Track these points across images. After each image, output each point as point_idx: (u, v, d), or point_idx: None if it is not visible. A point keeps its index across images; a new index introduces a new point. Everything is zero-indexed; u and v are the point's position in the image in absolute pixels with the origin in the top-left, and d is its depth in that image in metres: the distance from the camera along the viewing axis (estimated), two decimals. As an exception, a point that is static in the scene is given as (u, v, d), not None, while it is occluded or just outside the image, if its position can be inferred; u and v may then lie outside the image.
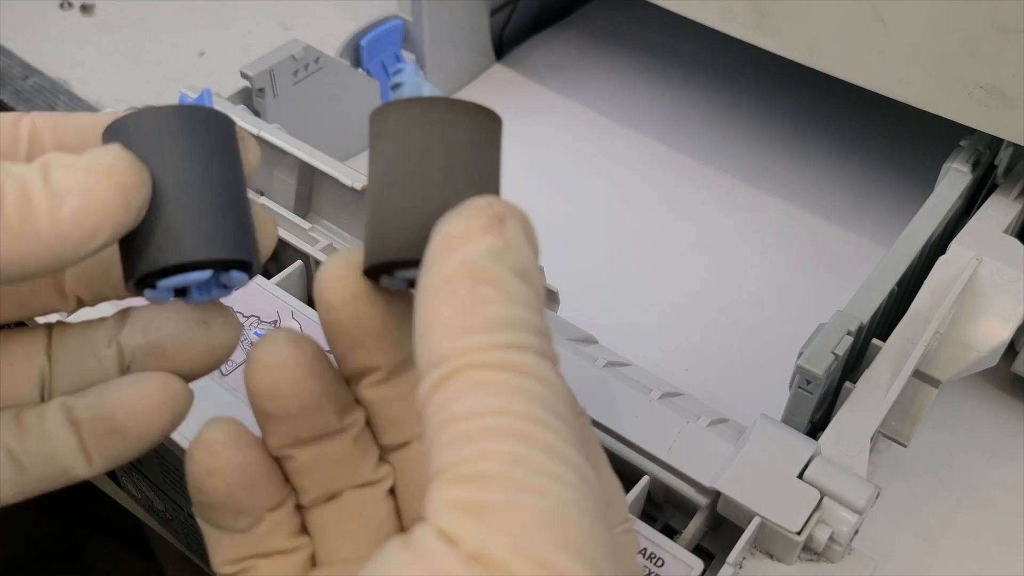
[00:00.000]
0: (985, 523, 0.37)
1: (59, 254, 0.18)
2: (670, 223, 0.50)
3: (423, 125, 0.21)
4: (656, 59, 0.59)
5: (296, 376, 0.21)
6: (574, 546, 0.16)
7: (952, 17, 0.36)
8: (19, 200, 0.18)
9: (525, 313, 0.18)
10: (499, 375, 0.17)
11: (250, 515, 0.22)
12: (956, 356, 0.35)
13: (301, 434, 0.22)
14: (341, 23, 0.53)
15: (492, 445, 0.16)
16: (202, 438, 0.21)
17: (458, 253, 0.18)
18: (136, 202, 0.19)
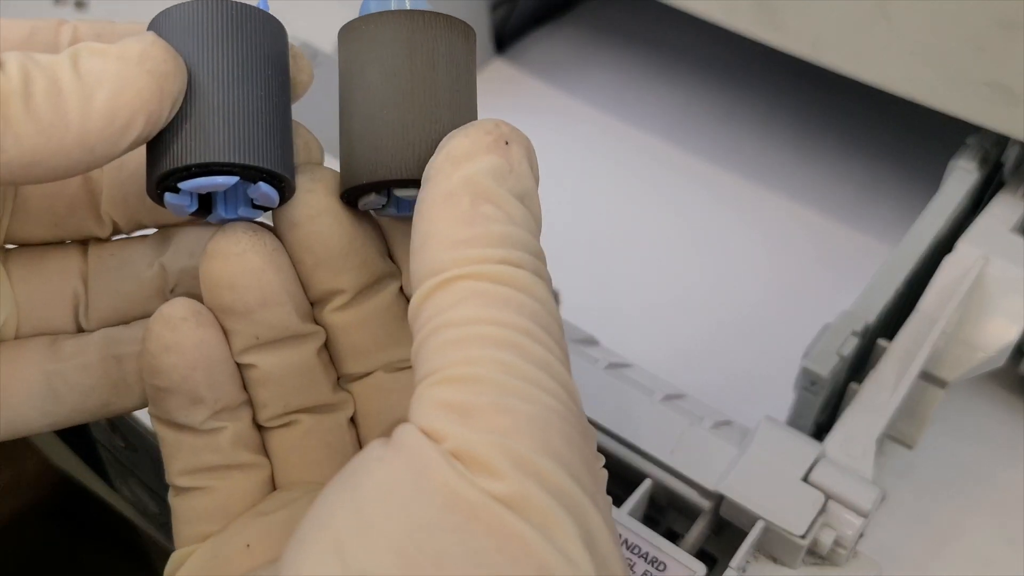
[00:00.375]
0: (992, 526, 0.36)
1: (92, 148, 0.18)
2: (672, 221, 0.49)
3: (427, 41, 0.20)
4: (658, 55, 0.59)
5: (255, 265, 0.20)
6: (556, 452, 0.16)
7: (958, 13, 0.36)
8: (49, 91, 0.17)
9: (523, 234, 0.18)
10: (495, 287, 0.17)
11: (207, 407, 0.21)
12: (963, 357, 0.34)
13: (260, 333, 0.21)
14: (339, 19, 0.52)
15: (483, 351, 0.17)
16: (161, 312, 0.21)
17: (462, 169, 0.18)
18: (171, 91, 0.19)
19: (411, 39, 0.20)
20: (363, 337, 0.22)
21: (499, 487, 0.15)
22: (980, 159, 0.40)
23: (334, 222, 0.21)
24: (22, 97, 0.17)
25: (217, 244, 0.20)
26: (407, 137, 0.20)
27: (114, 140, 0.18)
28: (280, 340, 0.21)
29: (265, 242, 0.21)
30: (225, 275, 0.20)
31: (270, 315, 0.21)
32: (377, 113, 0.20)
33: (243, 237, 0.20)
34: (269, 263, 0.20)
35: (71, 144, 0.17)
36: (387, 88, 0.20)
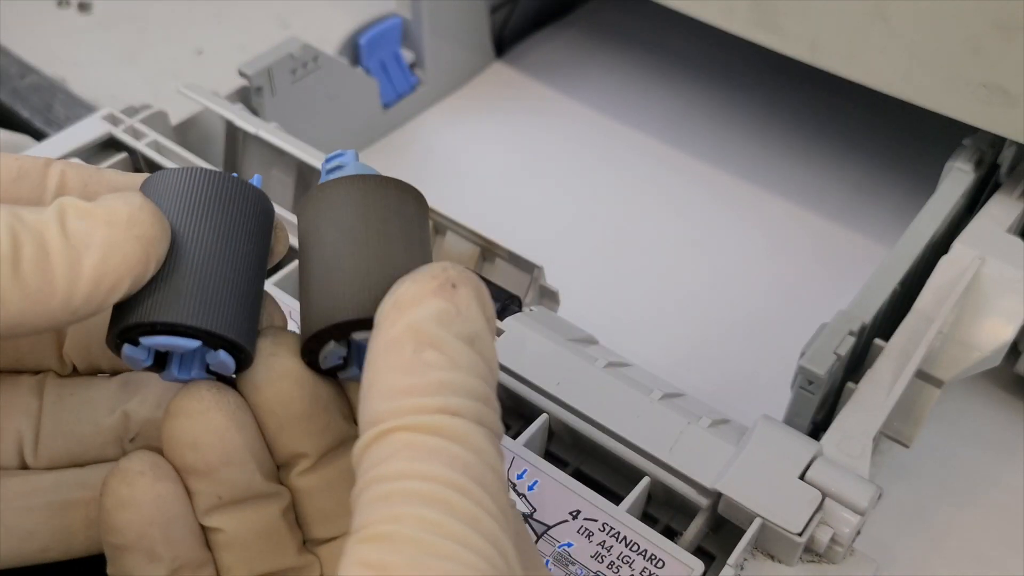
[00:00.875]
0: (988, 524, 0.36)
1: (76, 311, 0.18)
2: (671, 222, 0.49)
3: (378, 199, 0.21)
4: (657, 57, 0.59)
5: (218, 424, 0.20)
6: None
7: (955, 15, 0.36)
8: (37, 256, 0.17)
9: (467, 379, 0.18)
10: (427, 439, 0.17)
11: (165, 565, 0.20)
12: (959, 356, 0.34)
13: (223, 492, 0.21)
14: (340, 21, 0.52)
15: (406, 508, 0.16)
16: (119, 467, 0.20)
17: (407, 315, 0.18)
18: (157, 256, 0.19)
19: (363, 198, 0.21)
20: (328, 501, 0.22)
21: None
22: (976, 160, 0.40)
23: (296, 385, 0.21)
24: (11, 263, 0.17)
25: (180, 402, 0.20)
26: (362, 280, 0.20)
27: (98, 303, 0.18)
28: (244, 500, 0.21)
29: (228, 400, 0.20)
30: (188, 434, 0.20)
31: (233, 474, 0.21)
32: (334, 265, 0.20)
33: (206, 395, 0.20)
34: (232, 422, 0.20)
35: (56, 308, 0.17)
36: (343, 241, 0.20)
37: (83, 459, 0.22)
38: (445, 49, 0.54)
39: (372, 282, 0.20)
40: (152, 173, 0.21)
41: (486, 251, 0.38)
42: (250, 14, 0.59)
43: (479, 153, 0.53)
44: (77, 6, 0.59)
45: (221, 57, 0.55)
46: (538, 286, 0.37)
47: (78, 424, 0.22)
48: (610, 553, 0.27)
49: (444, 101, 0.56)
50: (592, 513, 0.28)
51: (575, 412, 0.30)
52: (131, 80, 0.54)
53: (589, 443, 0.30)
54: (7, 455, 0.22)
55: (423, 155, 0.52)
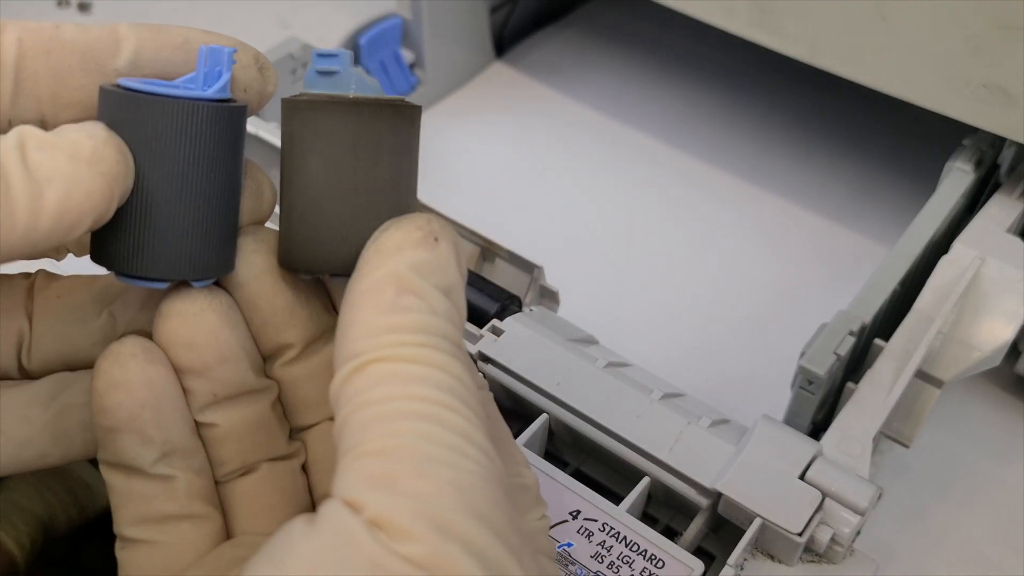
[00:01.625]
0: (988, 524, 0.36)
1: (35, 245, 0.18)
2: (671, 222, 0.49)
3: (372, 135, 0.20)
4: (657, 57, 0.59)
5: (212, 324, 0.20)
6: (478, 514, 0.16)
7: (955, 15, 0.36)
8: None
9: (444, 324, 0.19)
10: (410, 367, 0.18)
11: (156, 447, 0.20)
12: (959, 356, 0.34)
13: (218, 390, 0.21)
14: (340, 21, 0.52)
15: (402, 424, 0.17)
16: (110, 349, 0.20)
17: (390, 262, 0.19)
18: (120, 193, 0.19)
19: (356, 133, 0.20)
20: (312, 390, 0.23)
21: (417, 550, 0.16)
22: (976, 160, 0.40)
23: (277, 281, 0.21)
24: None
25: (173, 304, 0.20)
26: (345, 234, 0.20)
27: (59, 238, 0.18)
28: (237, 396, 0.21)
29: (221, 300, 0.21)
30: (182, 334, 0.20)
31: (227, 372, 0.21)
32: (318, 204, 0.20)
33: (198, 297, 0.20)
34: (225, 321, 0.21)
35: (16, 242, 0.17)
36: (329, 182, 0.20)
37: (74, 360, 0.22)
38: (445, 49, 0.54)
39: (357, 238, 0.20)
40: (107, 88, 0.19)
41: (486, 251, 0.38)
42: (250, 14, 0.59)
43: (479, 153, 0.53)
44: (77, 6, 0.59)
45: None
46: (538, 286, 0.37)
47: (68, 326, 0.22)
48: (610, 553, 0.27)
49: (444, 101, 0.56)
50: (592, 513, 0.28)
51: (575, 412, 0.30)
52: (131, 80, 0.54)
53: (589, 443, 0.30)
54: (7, 357, 0.22)
55: (423, 155, 0.52)
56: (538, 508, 0.22)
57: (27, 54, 0.20)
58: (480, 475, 0.17)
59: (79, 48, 0.20)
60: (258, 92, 0.22)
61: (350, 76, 0.21)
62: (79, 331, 0.22)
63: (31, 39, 0.20)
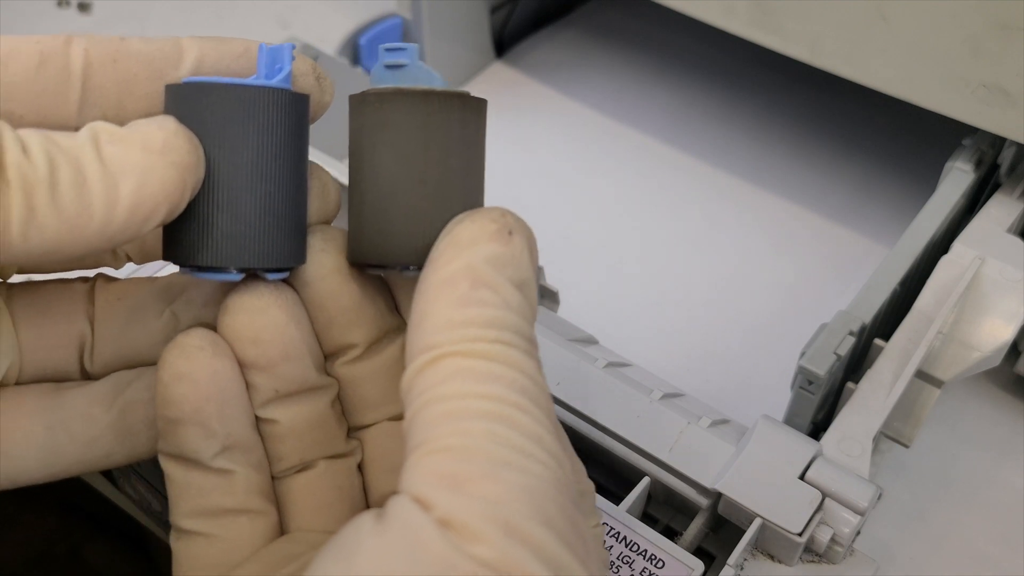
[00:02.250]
0: (988, 524, 0.36)
1: (111, 238, 0.18)
2: (671, 222, 0.49)
3: (442, 125, 0.20)
4: (657, 57, 0.59)
5: (278, 320, 0.20)
6: (547, 519, 0.16)
7: (955, 15, 0.36)
8: (74, 180, 0.17)
9: (518, 320, 0.19)
10: (485, 364, 0.18)
11: (218, 441, 0.21)
12: (959, 356, 0.34)
13: (280, 387, 0.21)
14: (340, 21, 0.52)
15: (474, 423, 0.17)
16: (177, 341, 0.20)
17: (464, 255, 0.19)
18: (193, 183, 0.19)
19: (426, 124, 0.20)
20: (372, 389, 0.23)
21: (486, 553, 0.15)
22: (976, 160, 0.40)
23: (344, 281, 0.21)
24: (48, 187, 0.17)
25: (240, 299, 0.20)
26: (417, 225, 0.20)
27: (134, 230, 0.18)
28: (298, 393, 0.22)
29: (287, 297, 0.21)
30: (249, 329, 0.20)
31: (291, 369, 0.21)
32: (388, 196, 0.20)
33: (265, 292, 0.21)
34: (291, 318, 0.21)
35: (92, 234, 0.17)
36: (400, 173, 0.20)
37: (135, 362, 0.22)
38: (445, 49, 0.54)
39: (428, 229, 0.20)
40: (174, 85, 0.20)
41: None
42: (250, 14, 0.59)
43: (479, 153, 0.53)
44: (77, 6, 0.59)
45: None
46: (538, 286, 0.37)
47: (129, 327, 0.22)
48: (610, 553, 0.27)
49: (444, 101, 0.56)
50: (592, 513, 0.28)
51: (575, 412, 0.30)
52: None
53: (589, 443, 0.30)
54: (68, 364, 0.22)
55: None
56: (594, 516, 0.22)
57: (93, 63, 0.20)
58: (550, 480, 0.17)
59: (144, 58, 0.20)
60: (315, 101, 0.22)
61: (419, 69, 0.21)
62: (140, 332, 0.22)
63: (97, 49, 0.20)
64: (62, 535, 0.46)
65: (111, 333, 0.22)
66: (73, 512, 0.46)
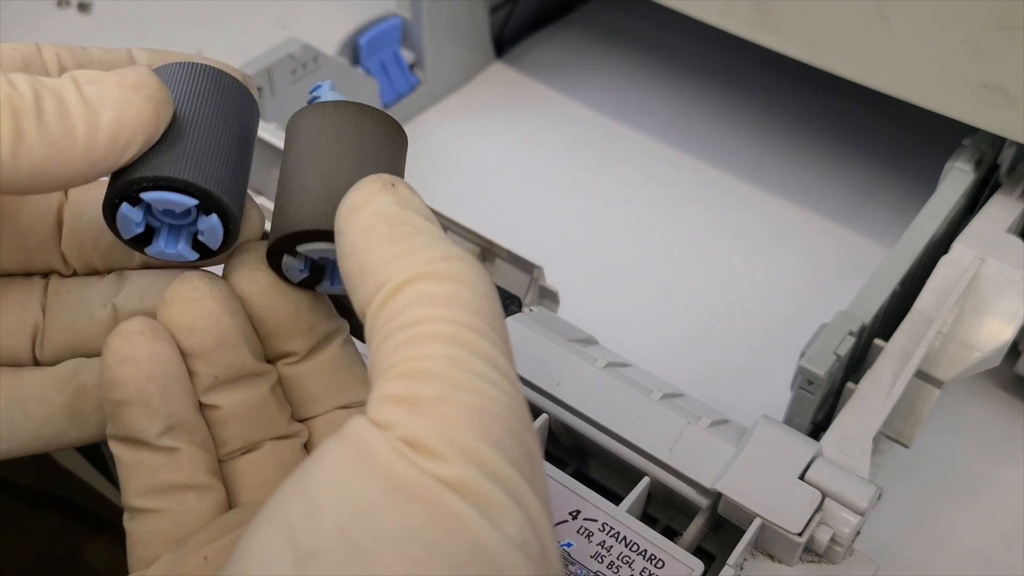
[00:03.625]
0: (988, 524, 0.36)
1: (94, 163, 0.19)
2: (671, 222, 0.49)
3: (334, 121, 0.22)
4: (657, 57, 0.59)
5: (212, 309, 0.22)
6: (498, 441, 0.17)
7: (955, 15, 0.36)
8: (57, 109, 0.19)
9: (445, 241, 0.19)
10: (440, 285, 0.18)
11: (161, 420, 0.22)
12: (959, 356, 0.34)
13: (220, 373, 0.22)
14: (340, 21, 0.52)
15: (431, 347, 0.17)
16: (120, 327, 0.22)
17: (368, 208, 0.20)
18: (165, 116, 0.20)
19: (320, 123, 0.22)
20: (316, 386, 0.24)
21: (443, 470, 0.16)
22: (976, 160, 0.40)
23: (280, 294, 0.23)
24: (35, 113, 0.18)
25: (176, 291, 0.22)
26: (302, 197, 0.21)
27: (115, 157, 0.19)
28: (238, 379, 0.23)
29: (220, 288, 0.22)
30: (184, 319, 0.22)
31: (227, 355, 0.22)
32: (284, 188, 0.22)
33: (199, 284, 0.22)
34: (225, 307, 0.22)
35: (77, 158, 0.19)
36: (297, 164, 0.22)
37: (82, 351, 0.24)
38: (445, 49, 0.54)
39: (311, 197, 0.21)
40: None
41: (486, 251, 0.38)
42: (250, 14, 0.59)
43: (479, 153, 0.53)
44: (77, 6, 0.59)
45: (221, 57, 0.55)
46: (538, 286, 0.37)
47: (75, 318, 0.24)
48: (610, 553, 0.27)
49: (444, 101, 0.56)
50: (592, 513, 0.28)
51: (575, 412, 0.30)
52: (131, 80, 0.54)
53: (589, 443, 0.31)
54: (21, 350, 0.24)
55: (423, 155, 0.52)
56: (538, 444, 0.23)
57: (65, 67, 0.22)
58: (502, 403, 0.17)
59: (104, 65, 0.23)
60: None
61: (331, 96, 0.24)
62: (86, 323, 0.24)
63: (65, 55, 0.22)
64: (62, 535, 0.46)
65: (60, 322, 0.24)
66: (73, 512, 0.46)
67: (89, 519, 0.46)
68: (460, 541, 0.16)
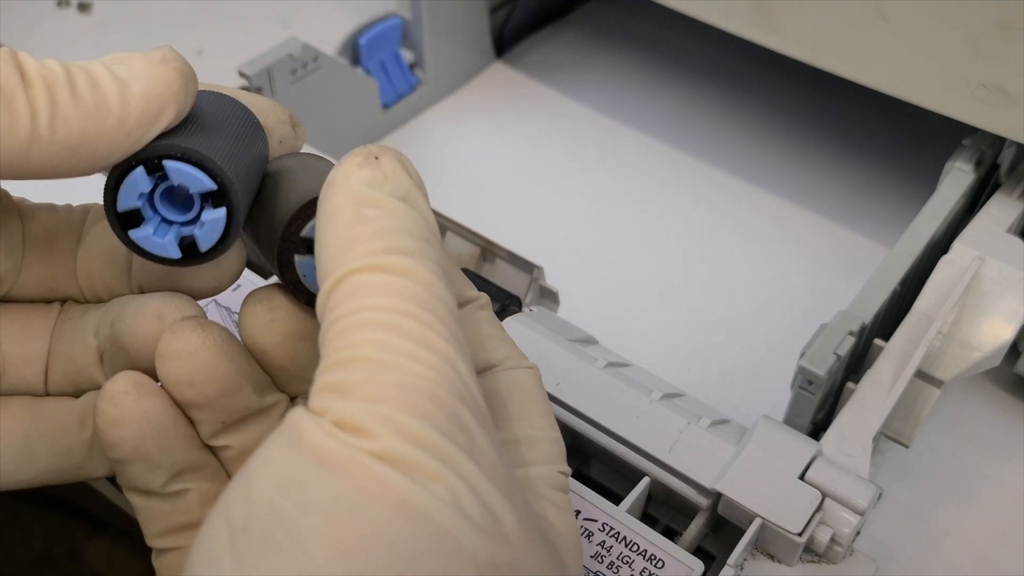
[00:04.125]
0: (988, 524, 0.36)
1: (130, 132, 0.19)
2: (671, 222, 0.49)
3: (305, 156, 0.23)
4: (657, 57, 0.59)
5: (208, 360, 0.21)
6: (423, 412, 0.17)
7: (955, 15, 0.36)
8: (89, 83, 0.19)
9: (406, 224, 0.19)
10: (376, 277, 0.19)
11: (164, 471, 0.22)
12: (958, 356, 0.34)
13: (225, 418, 0.22)
14: (340, 21, 0.52)
15: (361, 335, 0.18)
16: (105, 390, 0.22)
17: (343, 187, 0.20)
18: (192, 89, 0.20)
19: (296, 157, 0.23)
20: None
21: (368, 444, 0.17)
22: (976, 160, 0.40)
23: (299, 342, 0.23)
24: (67, 85, 0.19)
25: (169, 345, 0.21)
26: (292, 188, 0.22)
27: (149, 125, 0.20)
28: (244, 419, 0.22)
29: (214, 337, 0.22)
30: (182, 374, 0.21)
31: (231, 402, 0.22)
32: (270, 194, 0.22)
33: (192, 336, 0.21)
34: (221, 356, 0.22)
35: (112, 127, 0.19)
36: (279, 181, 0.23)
37: (78, 379, 0.24)
38: (445, 49, 0.54)
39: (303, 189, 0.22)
40: None
41: (486, 251, 0.38)
42: (250, 14, 0.59)
43: (479, 153, 0.53)
44: (77, 6, 0.59)
45: (221, 57, 0.55)
46: (538, 286, 0.37)
47: (72, 346, 0.23)
48: (610, 553, 0.27)
49: (444, 101, 0.56)
50: (592, 513, 0.28)
51: (575, 412, 0.30)
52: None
53: (589, 443, 0.31)
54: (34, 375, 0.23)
55: (423, 155, 0.52)
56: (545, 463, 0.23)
57: None
58: (429, 378, 0.18)
59: None
60: (290, 146, 0.24)
61: None
62: (80, 352, 0.23)
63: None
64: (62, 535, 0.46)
65: (61, 351, 0.23)
66: (73, 512, 0.46)
67: (89, 519, 0.46)
68: (384, 501, 0.16)
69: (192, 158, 0.20)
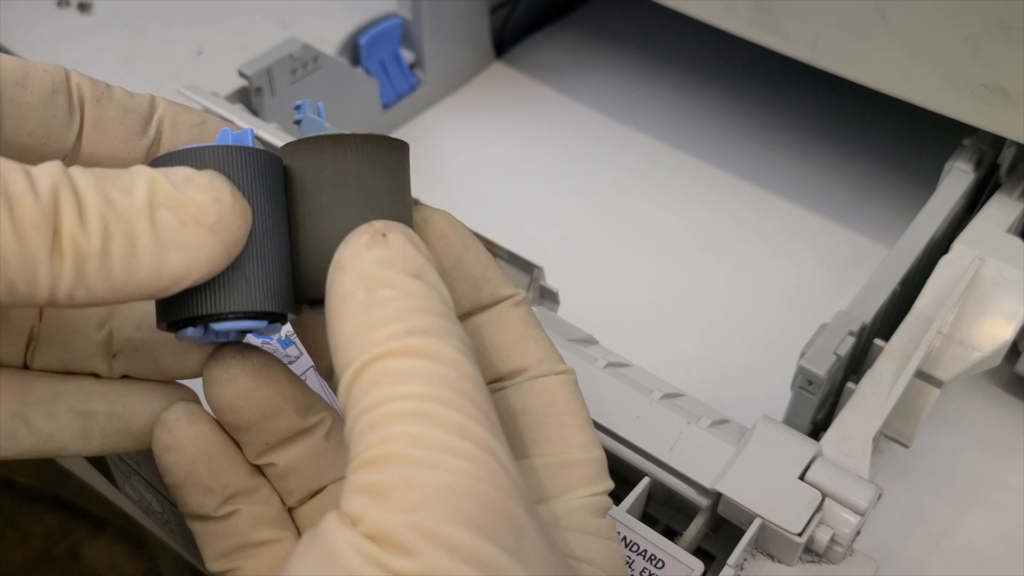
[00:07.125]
0: (988, 524, 0.36)
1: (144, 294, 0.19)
2: (671, 222, 0.49)
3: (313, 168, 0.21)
4: (657, 57, 0.59)
5: (248, 386, 0.22)
6: (468, 518, 0.16)
7: (955, 15, 0.36)
8: (125, 249, 0.18)
9: (424, 302, 0.19)
10: (401, 362, 0.18)
11: (217, 495, 0.22)
12: (959, 356, 0.34)
13: (269, 439, 0.23)
14: (340, 21, 0.52)
15: (392, 428, 0.17)
16: (160, 418, 0.22)
17: (351, 269, 0.19)
18: (234, 255, 0.20)
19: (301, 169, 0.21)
20: None
21: (406, 565, 0.16)
22: (976, 160, 0.40)
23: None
24: (99, 258, 0.18)
25: (211, 372, 0.22)
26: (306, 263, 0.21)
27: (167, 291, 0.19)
28: (288, 439, 0.23)
29: (253, 362, 0.22)
30: (224, 400, 0.22)
31: (273, 424, 0.22)
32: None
33: (232, 363, 0.22)
34: (260, 381, 0.22)
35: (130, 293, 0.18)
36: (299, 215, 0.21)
37: (71, 367, 0.24)
38: (445, 49, 0.54)
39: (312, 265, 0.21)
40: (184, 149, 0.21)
41: (486, 251, 0.38)
42: (250, 14, 0.59)
43: (479, 153, 0.53)
44: (77, 6, 0.59)
45: (221, 57, 0.55)
46: (538, 286, 0.37)
47: (71, 335, 0.23)
48: (610, 553, 0.27)
49: (444, 101, 0.56)
50: (592, 513, 0.28)
51: (575, 412, 0.30)
52: (131, 80, 0.54)
53: (589, 443, 0.30)
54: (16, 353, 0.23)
55: (423, 155, 0.52)
56: (585, 487, 0.22)
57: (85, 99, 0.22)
58: (471, 473, 0.17)
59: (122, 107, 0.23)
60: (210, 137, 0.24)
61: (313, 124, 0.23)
62: (80, 340, 0.24)
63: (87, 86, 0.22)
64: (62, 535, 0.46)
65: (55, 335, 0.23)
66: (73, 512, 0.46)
67: (89, 519, 0.46)
68: None
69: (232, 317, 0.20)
